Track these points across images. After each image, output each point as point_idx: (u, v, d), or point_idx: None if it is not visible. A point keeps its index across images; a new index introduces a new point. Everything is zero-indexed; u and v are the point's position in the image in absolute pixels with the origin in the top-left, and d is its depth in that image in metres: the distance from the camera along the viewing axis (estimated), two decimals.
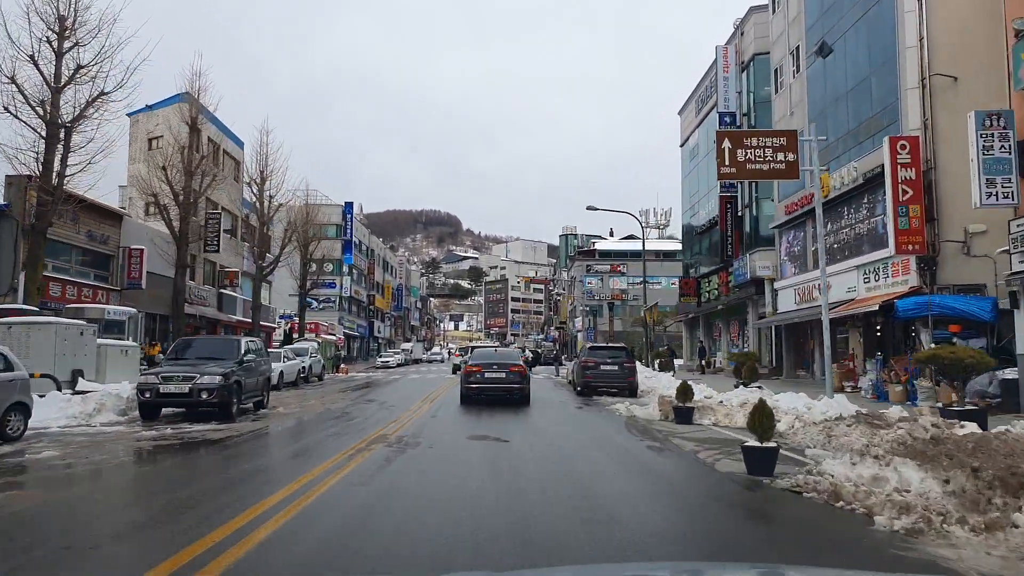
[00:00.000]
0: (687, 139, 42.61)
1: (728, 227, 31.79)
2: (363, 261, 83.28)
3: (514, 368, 20.04)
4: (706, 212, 38.67)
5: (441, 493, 7.82)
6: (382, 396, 24.33)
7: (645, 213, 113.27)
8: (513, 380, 19.69)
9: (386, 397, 23.84)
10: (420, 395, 24.28)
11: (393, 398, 23.21)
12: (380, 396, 24.40)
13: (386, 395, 24.93)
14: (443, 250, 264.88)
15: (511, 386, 19.67)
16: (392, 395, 24.89)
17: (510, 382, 19.67)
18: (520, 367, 20.34)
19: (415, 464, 9.81)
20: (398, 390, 27.75)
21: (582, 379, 23.83)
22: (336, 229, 74.02)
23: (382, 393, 26.04)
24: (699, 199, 39.69)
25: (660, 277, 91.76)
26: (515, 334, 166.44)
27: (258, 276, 33.76)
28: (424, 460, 10.20)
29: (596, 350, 25.38)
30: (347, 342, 77.92)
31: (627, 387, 22.76)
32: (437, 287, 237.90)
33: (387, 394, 25.43)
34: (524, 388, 19.85)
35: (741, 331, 33.20)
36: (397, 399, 22.58)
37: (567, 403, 21.39)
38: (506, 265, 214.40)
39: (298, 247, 42.79)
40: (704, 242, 38.88)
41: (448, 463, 9.96)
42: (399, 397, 23.73)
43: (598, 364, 23.34)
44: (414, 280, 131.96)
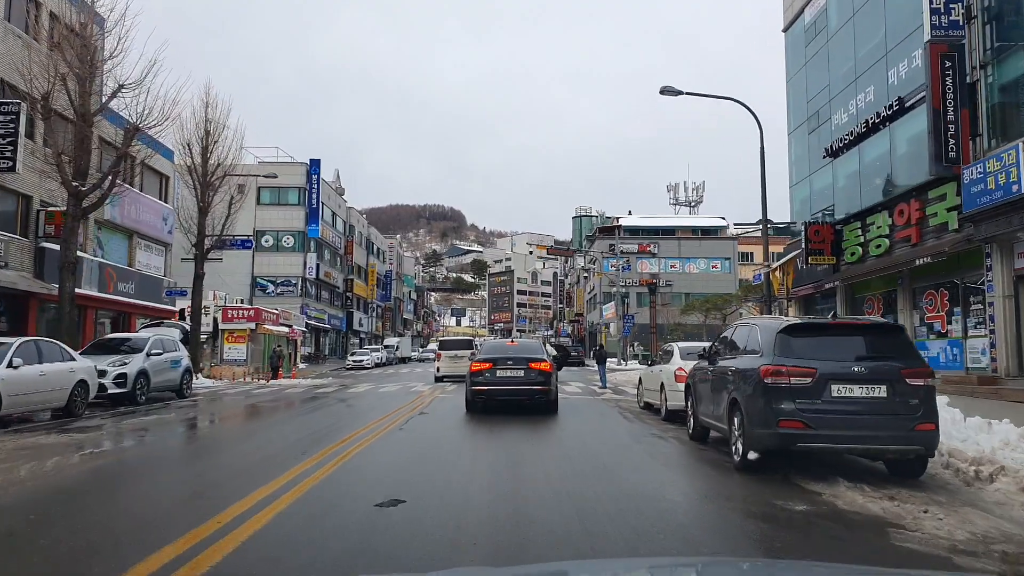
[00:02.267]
0: (800, 13, 27.12)
1: (948, 104, 16.38)
2: (337, 237, 67.95)
3: (536, 364, 14.33)
4: (845, 116, 23.25)
5: None
6: (224, 458, 9.25)
7: (674, 188, 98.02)
8: (534, 380, 14.21)
9: (226, 460, 8.70)
10: (322, 443, 9.19)
11: (232, 466, 8.06)
12: (218, 458, 9.34)
13: (235, 454, 9.80)
14: (446, 244, 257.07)
15: (532, 387, 14.22)
16: (254, 449, 9.81)
17: (530, 382, 14.22)
18: (544, 363, 14.42)
19: None
20: (305, 425, 12.99)
21: (773, 422, 7.29)
22: (298, 194, 58.70)
23: (248, 438, 11.11)
24: (835, 96, 24.18)
25: (698, 259, 76.21)
26: (521, 329, 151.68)
27: (73, 210, 18.48)
28: None
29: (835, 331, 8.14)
30: (313, 336, 62.59)
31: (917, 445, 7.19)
32: (439, 281, 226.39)
33: (251, 444, 10.48)
34: (549, 390, 14.30)
35: (963, 305, 17.81)
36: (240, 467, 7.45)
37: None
38: (511, 257, 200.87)
39: (191, 170, 27.50)
40: (848, 166, 23.39)
41: None
42: (253, 462, 8.53)
43: (843, 380, 7.19)
44: (408, 268, 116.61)
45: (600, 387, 22.70)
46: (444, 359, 27.70)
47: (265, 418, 15.24)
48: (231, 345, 43.18)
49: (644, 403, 15.82)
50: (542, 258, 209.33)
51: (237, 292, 54.05)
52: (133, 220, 28.74)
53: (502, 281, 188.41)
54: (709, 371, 9.44)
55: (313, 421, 13.85)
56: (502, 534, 5.27)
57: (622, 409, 16.21)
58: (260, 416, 15.71)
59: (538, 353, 15.21)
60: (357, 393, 21.42)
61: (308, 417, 14.74)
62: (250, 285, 57.62)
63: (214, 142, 28.01)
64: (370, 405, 17.19)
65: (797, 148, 27.95)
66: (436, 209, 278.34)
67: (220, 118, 28.10)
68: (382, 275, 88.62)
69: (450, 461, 8.63)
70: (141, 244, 30.11)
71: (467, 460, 8.80)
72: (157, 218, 30.60)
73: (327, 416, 14.79)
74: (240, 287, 56.46)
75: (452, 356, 27.41)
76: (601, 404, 17.72)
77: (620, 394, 21.11)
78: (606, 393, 21.18)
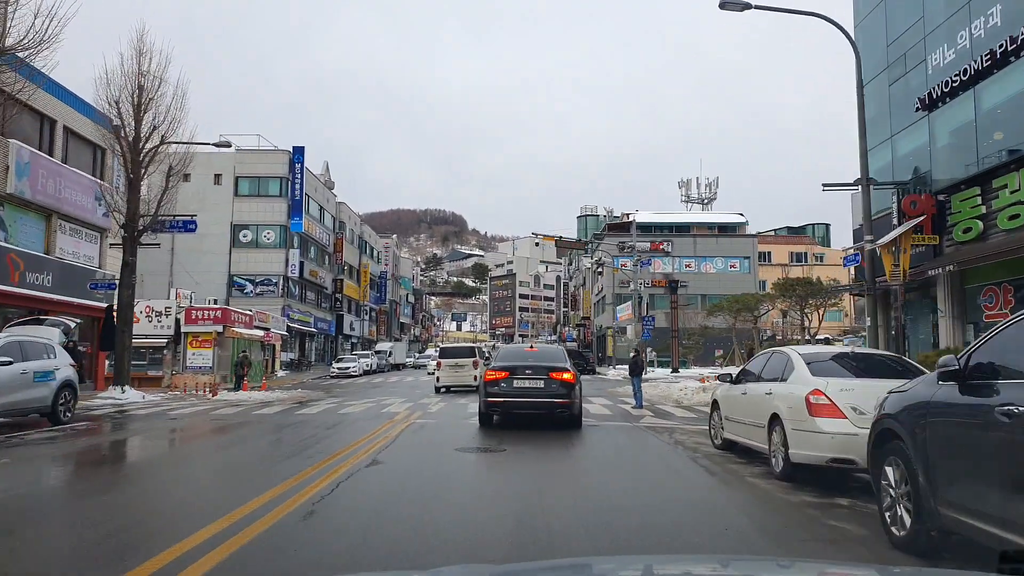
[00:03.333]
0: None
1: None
2: (325, 233, 62.56)
3: (557, 373, 13.07)
4: (952, 54, 17.89)
5: None
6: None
7: (686, 184, 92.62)
8: (556, 392, 12.94)
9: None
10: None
11: None
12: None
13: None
14: (447, 249, 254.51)
15: (552, 400, 12.92)
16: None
17: (551, 394, 12.94)
18: (566, 373, 13.14)
19: None
20: (149, 499, 7.62)
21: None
22: (280, 184, 53.30)
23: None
24: (932, 31, 18.85)
25: (715, 258, 70.67)
26: (523, 334, 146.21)
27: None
28: None
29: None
30: (297, 341, 57.16)
31: None
32: (439, 285, 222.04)
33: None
34: (572, 404, 12.97)
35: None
36: None
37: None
38: (513, 260, 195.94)
39: (119, 134, 22.11)
40: (954, 117, 17.99)
41: None
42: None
43: None
44: (406, 270, 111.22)
45: (634, 406, 17.24)
46: (444, 368, 25.45)
47: (111, 474, 9.75)
48: (196, 350, 37.85)
49: (723, 439, 10.36)
50: (545, 261, 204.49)
51: (211, 292, 48.76)
52: (52, 197, 23.32)
53: (504, 285, 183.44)
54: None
55: (185, 481, 8.43)
56: None
57: (685, 447, 10.77)
58: (113, 467, 10.26)
59: (560, 361, 13.62)
60: (307, 417, 15.92)
61: (181, 472, 9.30)
62: (226, 284, 52.27)
63: (149, 99, 22.61)
64: (308, 440, 11.75)
65: (872, 106, 22.48)
66: (437, 214, 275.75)
67: (157, 71, 22.73)
68: (376, 276, 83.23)
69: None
70: (64, 227, 24.69)
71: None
72: (87, 196, 25.20)
73: (221, 468, 9.36)
74: (215, 287, 51.12)
75: (453, 365, 25.33)
76: (648, 436, 12.26)
77: (662, 416, 15.67)
78: (644, 416, 15.73)
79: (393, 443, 10.85)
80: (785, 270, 79.99)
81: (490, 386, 13.17)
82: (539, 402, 12.94)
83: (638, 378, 17.33)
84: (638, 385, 17.32)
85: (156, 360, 37.21)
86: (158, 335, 36.70)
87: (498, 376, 13.12)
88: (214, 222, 52.75)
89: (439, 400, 20.19)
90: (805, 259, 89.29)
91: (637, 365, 17.57)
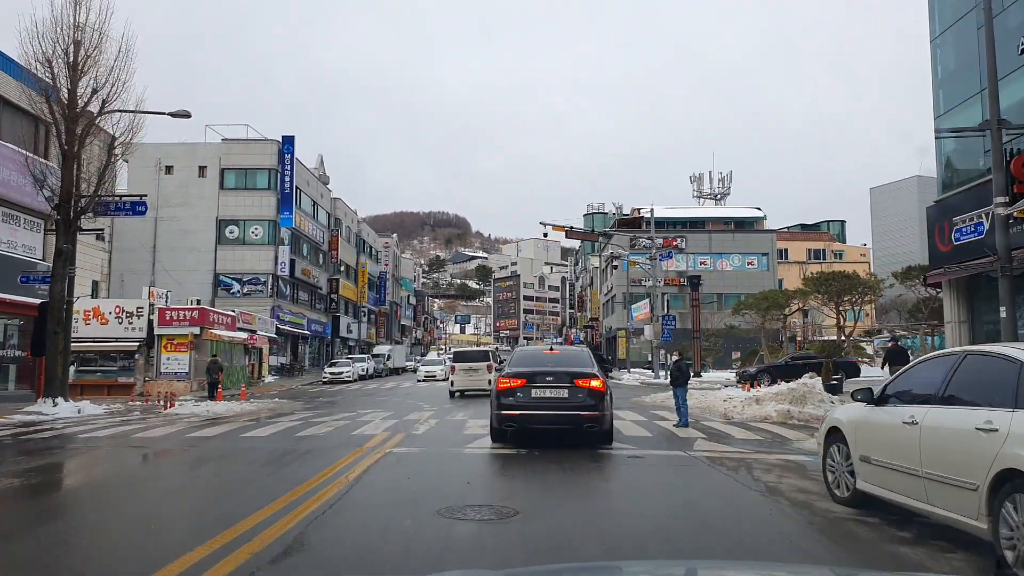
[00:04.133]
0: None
1: None
2: (319, 230, 58.93)
3: (584, 381, 10.81)
4: None
5: None
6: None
7: (698, 179, 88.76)
8: (582, 403, 10.70)
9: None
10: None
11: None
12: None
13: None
14: (451, 251, 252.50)
15: (579, 413, 10.63)
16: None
17: (577, 405, 10.69)
18: (594, 379, 10.88)
19: None
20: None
21: None
22: (269, 176, 49.68)
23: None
24: None
25: (731, 254, 66.77)
26: (528, 337, 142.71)
27: None
28: None
29: None
30: (289, 344, 53.53)
31: None
32: (442, 287, 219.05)
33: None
34: (602, 417, 10.71)
35: None
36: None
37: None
38: (518, 262, 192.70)
39: (50, 97, 18.43)
40: None
41: None
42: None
43: None
44: (407, 271, 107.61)
45: (677, 424, 13.49)
46: (458, 372, 25.51)
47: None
48: (171, 355, 34.39)
49: (855, 490, 6.57)
50: (549, 263, 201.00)
51: (196, 292, 45.22)
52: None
53: (508, 287, 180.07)
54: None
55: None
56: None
57: (788, 500, 7.01)
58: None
59: (586, 366, 11.51)
60: (251, 443, 12.21)
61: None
62: (212, 284, 48.67)
63: (87, 57, 18.92)
64: (220, 491, 8.12)
65: (946, 61, 18.79)
66: (441, 216, 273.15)
67: (97, 23, 19.04)
68: (375, 276, 79.60)
69: None
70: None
71: None
72: (21, 175, 21.52)
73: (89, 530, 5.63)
74: (200, 286, 47.58)
75: (467, 369, 25.41)
76: (718, 476, 8.52)
77: (717, 439, 11.94)
78: (694, 438, 12.00)
79: (344, 497, 7.11)
80: (803, 267, 76.34)
81: (504, 396, 10.94)
82: (563, 415, 10.77)
83: (683, 389, 13.53)
84: (683, 398, 13.53)
85: (127, 365, 33.70)
86: (129, 338, 33.19)
87: (513, 384, 10.93)
88: (198, 217, 49.29)
89: (430, 415, 16.50)
90: (823, 256, 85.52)
91: (682, 372, 13.74)
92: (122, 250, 45.88)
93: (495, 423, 11.09)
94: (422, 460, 9.67)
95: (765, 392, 17.05)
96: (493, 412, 11.15)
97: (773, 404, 15.57)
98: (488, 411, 11.55)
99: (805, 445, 11.19)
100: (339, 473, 8.50)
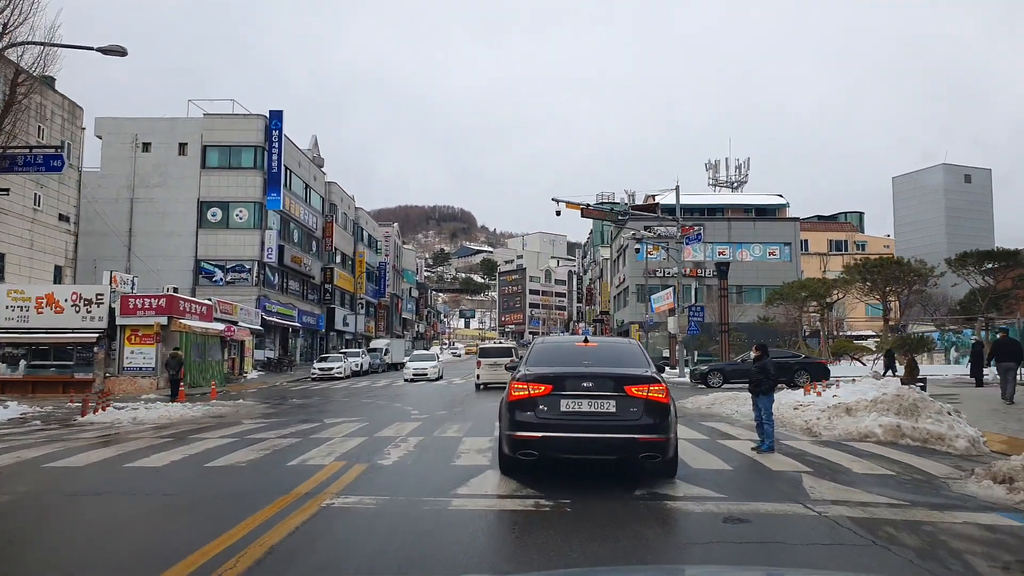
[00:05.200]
0: None
1: None
2: (311, 215, 54.96)
3: (639, 387, 7.15)
4: None
5: None
6: None
7: (714, 166, 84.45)
8: (639, 420, 7.07)
9: None
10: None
11: None
12: None
13: None
14: (456, 245, 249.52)
15: (634, 437, 7.03)
16: None
17: (631, 425, 7.05)
18: (655, 384, 7.23)
19: None
20: None
21: None
22: (255, 154, 45.69)
23: None
24: None
25: (752, 244, 62.52)
26: (533, 332, 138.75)
27: None
28: None
29: None
30: (278, 336, 49.64)
31: None
32: (447, 281, 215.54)
33: None
34: (668, 441, 7.19)
35: None
36: None
37: None
38: (523, 255, 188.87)
39: None
40: None
41: None
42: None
43: None
44: (409, 262, 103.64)
45: (759, 448, 9.47)
46: (484, 367, 27.51)
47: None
48: (135, 348, 30.54)
49: None
50: (556, 257, 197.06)
51: (175, 280, 41.32)
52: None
53: (513, 280, 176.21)
54: None
55: None
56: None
57: None
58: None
59: (639, 365, 7.75)
60: (137, 478, 8.23)
61: None
62: (193, 271, 44.78)
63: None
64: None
65: None
66: (446, 210, 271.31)
67: None
68: (374, 267, 75.65)
69: None
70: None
71: None
72: None
73: None
74: (179, 274, 43.76)
75: (492, 364, 27.12)
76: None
77: (830, 475, 7.92)
78: (797, 473, 8.00)
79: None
80: (824, 259, 72.17)
81: (518, 410, 7.26)
82: (609, 440, 7.10)
83: (768, 399, 9.41)
84: (768, 412, 9.46)
85: (86, 359, 29.86)
86: (88, 328, 29.37)
87: (534, 392, 7.21)
88: (178, 198, 45.35)
89: (413, 429, 12.44)
90: (845, 247, 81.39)
91: (766, 375, 9.64)
92: (92, 234, 42.07)
93: (506, 449, 7.48)
94: (372, 529, 5.65)
95: (854, 398, 13.03)
96: (503, 432, 7.55)
97: (874, 417, 11.55)
98: (493, 423, 7.60)
99: (974, 489, 7.19)
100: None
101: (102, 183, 44.52)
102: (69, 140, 35.62)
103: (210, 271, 45.13)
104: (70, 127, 36.07)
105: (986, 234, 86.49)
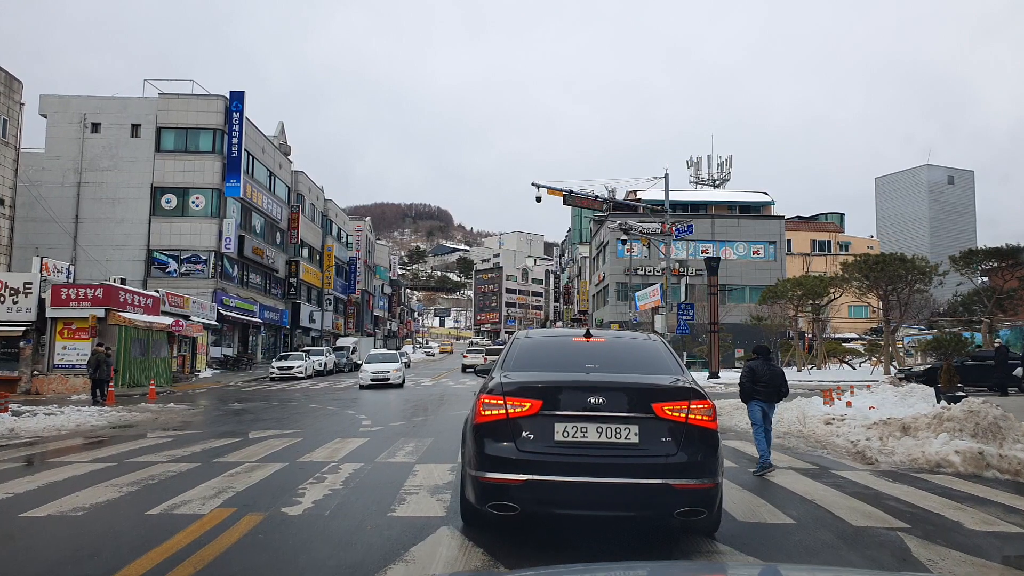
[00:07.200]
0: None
1: None
2: (275, 205, 51.82)
3: (668, 406, 4.53)
4: None
5: None
6: None
7: (695, 163, 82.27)
8: (669, 455, 4.53)
9: None
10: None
11: None
12: None
13: None
14: (432, 243, 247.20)
15: (667, 482, 4.46)
16: None
17: (662, 464, 4.49)
18: (697, 401, 4.54)
19: None
20: None
21: None
22: (214, 137, 42.55)
23: None
24: None
25: (736, 242, 60.43)
26: (509, 331, 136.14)
27: None
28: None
29: None
30: (237, 333, 46.50)
31: None
32: (422, 279, 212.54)
33: None
34: (715, 486, 4.62)
35: None
36: None
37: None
38: (500, 253, 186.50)
39: None
40: None
41: None
42: None
43: None
44: (382, 258, 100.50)
45: (759, 470, 6.93)
46: (491, 363, 21.77)
47: None
48: (68, 343, 27.57)
49: None
50: (532, 256, 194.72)
51: (125, 271, 38.25)
52: None
53: (490, 279, 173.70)
54: None
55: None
56: None
57: None
58: None
59: (666, 371, 5.21)
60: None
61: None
62: (144, 261, 41.53)
63: None
64: None
65: None
66: (423, 208, 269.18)
67: None
68: (344, 261, 72.46)
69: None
70: None
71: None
72: None
73: None
74: (130, 264, 40.58)
75: (494, 362, 21.75)
76: None
77: (938, 535, 5.41)
78: (893, 535, 5.47)
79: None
80: (806, 260, 70.42)
81: (490, 439, 4.72)
82: (628, 488, 4.55)
83: (770, 406, 6.82)
84: (768, 424, 6.87)
85: (12, 355, 26.81)
86: (14, 321, 26.35)
87: (513, 412, 4.67)
88: (130, 183, 41.96)
89: (353, 450, 9.69)
90: (828, 248, 79.79)
91: (775, 380, 6.98)
92: (34, 220, 38.74)
93: (471, 496, 4.91)
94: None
95: (900, 412, 10.55)
96: (468, 472, 4.94)
97: (944, 439, 9.03)
98: (460, 440, 5.16)
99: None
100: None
101: (47, 165, 41.16)
102: (5, 116, 32.45)
103: (163, 261, 41.89)
104: (7, 101, 32.81)
105: (969, 235, 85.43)
